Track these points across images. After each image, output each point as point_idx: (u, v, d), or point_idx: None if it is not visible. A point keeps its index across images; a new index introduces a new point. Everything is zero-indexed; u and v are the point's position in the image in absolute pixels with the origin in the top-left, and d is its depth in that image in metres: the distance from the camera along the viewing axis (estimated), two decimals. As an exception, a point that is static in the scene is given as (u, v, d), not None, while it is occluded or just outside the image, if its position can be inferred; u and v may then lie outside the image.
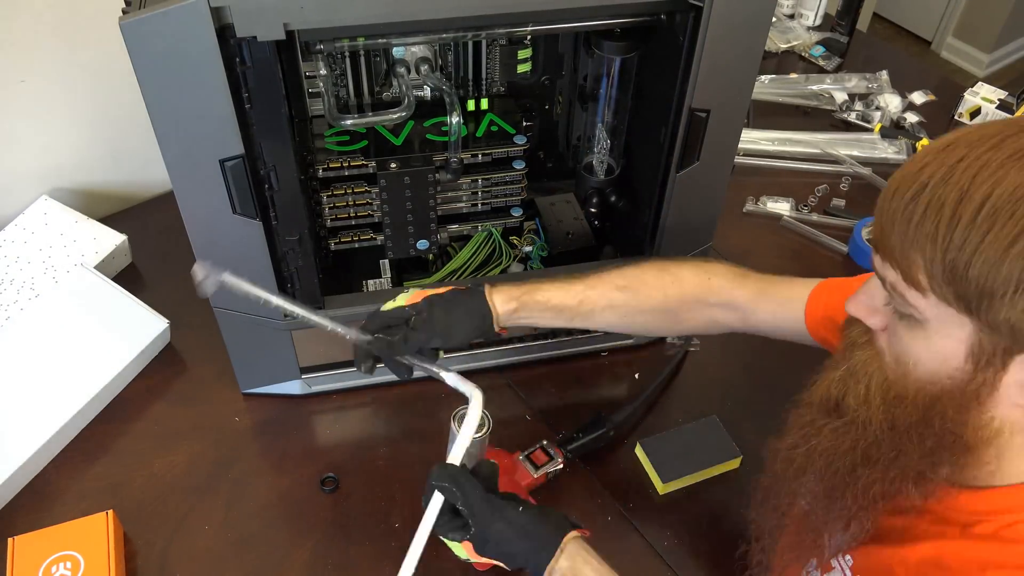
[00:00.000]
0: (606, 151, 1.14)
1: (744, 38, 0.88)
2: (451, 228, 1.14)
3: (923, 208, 0.60)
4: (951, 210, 0.58)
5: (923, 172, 0.60)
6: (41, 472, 1.05)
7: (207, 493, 1.04)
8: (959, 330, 0.62)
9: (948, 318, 0.61)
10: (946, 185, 0.59)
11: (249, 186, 0.87)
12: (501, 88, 1.10)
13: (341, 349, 1.11)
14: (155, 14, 0.73)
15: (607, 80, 1.06)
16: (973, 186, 0.58)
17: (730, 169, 1.03)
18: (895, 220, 0.61)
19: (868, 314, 0.69)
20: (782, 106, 1.63)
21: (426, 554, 0.99)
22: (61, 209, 1.28)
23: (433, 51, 1.01)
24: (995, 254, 0.56)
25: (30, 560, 0.92)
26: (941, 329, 0.63)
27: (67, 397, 1.07)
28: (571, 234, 1.18)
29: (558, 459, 1.03)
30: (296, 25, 0.78)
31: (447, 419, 0.90)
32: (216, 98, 0.79)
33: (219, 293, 0.98)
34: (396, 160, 1.03)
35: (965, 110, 1.60)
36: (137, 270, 1.29)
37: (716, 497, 1.05)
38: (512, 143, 1.09)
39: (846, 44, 1.74)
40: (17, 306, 1.16)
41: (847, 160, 1.51)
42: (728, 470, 1.07)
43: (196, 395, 1.14)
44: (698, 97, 0.91)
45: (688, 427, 1.09)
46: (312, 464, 1.07)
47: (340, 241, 1.10)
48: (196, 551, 0.99)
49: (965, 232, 0.57)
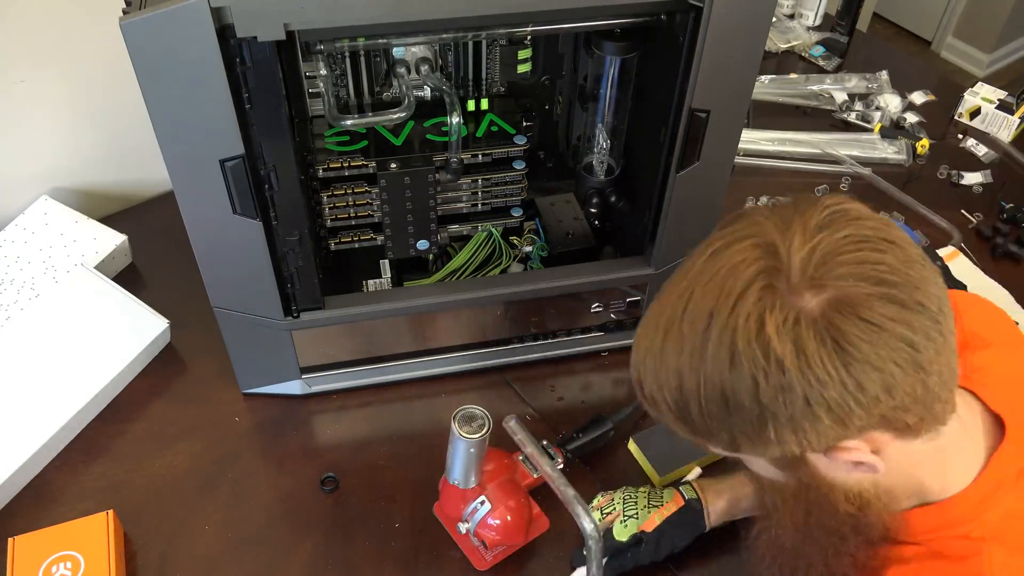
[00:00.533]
0: (606, 151, 1.14)
1: (744, 38, 0.88)
2: (451, 228, 1.14)
3: (651, 400, 0.64)
4: (667, 395, 0.62)
5: (638, 368, 0.64)
6: (41, 472, 1.05)
7: (207, 493, 1.04)
8: (753, 460, 0.68)
9: (748, 458, 0.68)
10: (656, 375, 0.62)
11: (249, 186, 0.87)
12: (501, 88, 1.10)
13: (341, 349, 1.11)
14: (155, 14, 0.73)
15: (607, 80, 1.06)
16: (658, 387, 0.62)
17: (730, 169, 1.03)
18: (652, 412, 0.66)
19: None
20: (782, 106, 1.63)
21: (424, 554, 1.00)
22: (61, 209, 1.28)
23: (433, 51, 1.01)
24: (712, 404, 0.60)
25: (30, 560, 0.92)
26: (750, 461, 0.69)
27: (67, 397, 1.07)
28: (571, 234, 1.18)
29: (558, 459, 1.03)
30: (296, 25, 0.78)
31: (447, 419, 0.90)
32: (216, 98, 0.79)
33: (218, 292, 0.99)
34: (396, 160, 1.03)
35: (965, 110, 1.60)
36: (137, 270, 1.29)
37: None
38: (512, 143, 1.09)
39: (846, 44, 1.74)
40: (17, 306, 1.16)
41: (847, 160, 1.51)
42: (721, 457, 1.07)
43: (196, 395, 1.14)
44: (698, 97, 0.91)
45: None
46: (312, 464, 1.07)
47: (340, 241, 1.10)
48: (196, 551, 0.99)
49: (685, 403, 0.61)
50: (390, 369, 1.14)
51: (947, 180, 1.50)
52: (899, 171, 1.51)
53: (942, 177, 1.50)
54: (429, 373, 1.15)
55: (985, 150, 1.55)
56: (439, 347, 1.14)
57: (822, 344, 0.55)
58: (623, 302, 1.15)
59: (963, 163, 1.53)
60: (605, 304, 1.15)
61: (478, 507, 0.93)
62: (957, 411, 0.63)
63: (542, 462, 0.87)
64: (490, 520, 0.93)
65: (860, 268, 0.56)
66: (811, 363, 0.55)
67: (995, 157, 1.54)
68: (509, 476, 0.98)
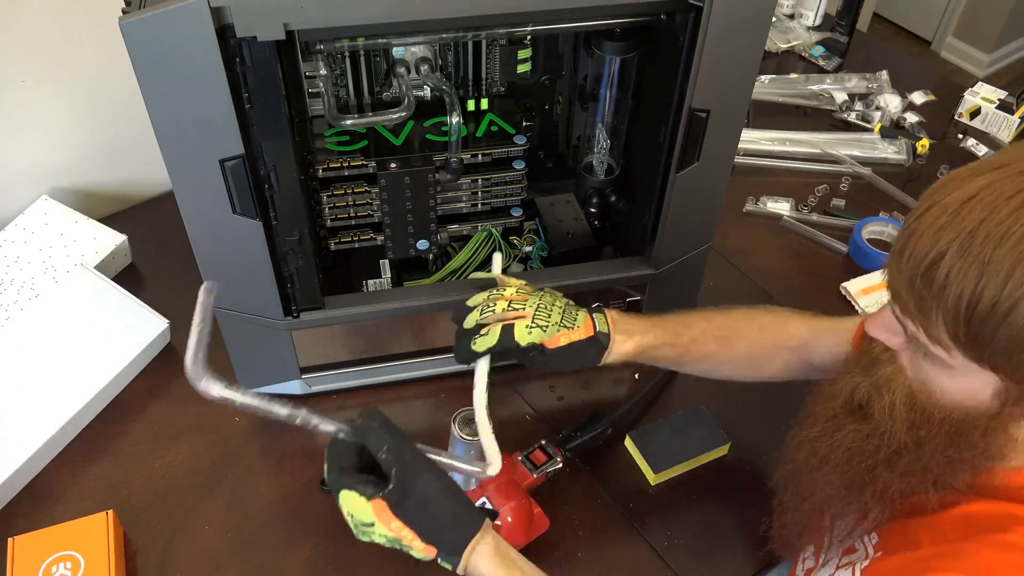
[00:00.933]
0: (606, 151, 1.14)
1: (744, 38, 0.88)
2: (451, 228, 1.14)
3: (942, 279, 0.59)
4: (972, 287, 0.57)
5: (940, 238, 0.59)
6: (41, 472, 1.05)
7: (207, 493, 1.04)
8: (984, 375, 0.62)
9: (973, 369, 0.62)
10: (965, 258, 0.58)
11: (249, 186, 0.87)
12: (501, 88, 1.10)
13: (341, 349, 1.11)
14: (155, 14, 0.73)
15: (607, 80, 1.06)
16: (993, 261, 0.57)
17: (730, 169, 1.03)
18: (913, 283, 0.61)
19: (889, 336, 0.69)
20: (782, 106, 1.63)
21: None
22: (61, 209, 1.28)
23: (433, 51, 1.01)
24: (1019, 328, 0.57)
25: (30, 560, 0.92)
26: (967, 373, 0.63)
27: (67, 397, 1.07)
28: (571, 234, 1.18)
29: (557, 458, 1.03)
30: (296, 25, 0.78)
31: (447, 419, 0.90)
32: (216, 98, 0.79)
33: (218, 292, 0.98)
34: (396, 160, 1.03)
35: (965, 110, 1.60)
36: (137, 270, 1.29)
37: (708, 487, 1.06)
38: (512, 143, 1.09)
39: (846, 44, 1.74)
40: (17, 306, 1.16)
41: (847, 160, 1.51)
42: (717, 457, 1.07)
43: (196, 395, 1.13)
44: (698, 97, 0.91)
45: (676, 416, 1.10)
46: (312, 464, 1.07)
47: (340, 241, 1.10)
48: (196, 551, 0.99)
49: (988, 308, 0.57)
50: (390, 369, 1.14)
51: (947, 180, 1.50)
52: (899, 171, 1.52)
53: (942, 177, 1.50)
54: (429, 373, 1.15)
55: (985, 150, 1.55)
56: (439, 347, 1.14)
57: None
58: (623, 302, 1.15)
59: (963, 163, 1.51)
60: (605, 304, 1.15)
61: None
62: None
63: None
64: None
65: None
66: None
67: (995, 157, 1.54)
68: (509, 477, 0.98)
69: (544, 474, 1.01)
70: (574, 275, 1.10)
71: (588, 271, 1.10)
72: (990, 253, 0.57)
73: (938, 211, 0.61)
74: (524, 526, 0.95)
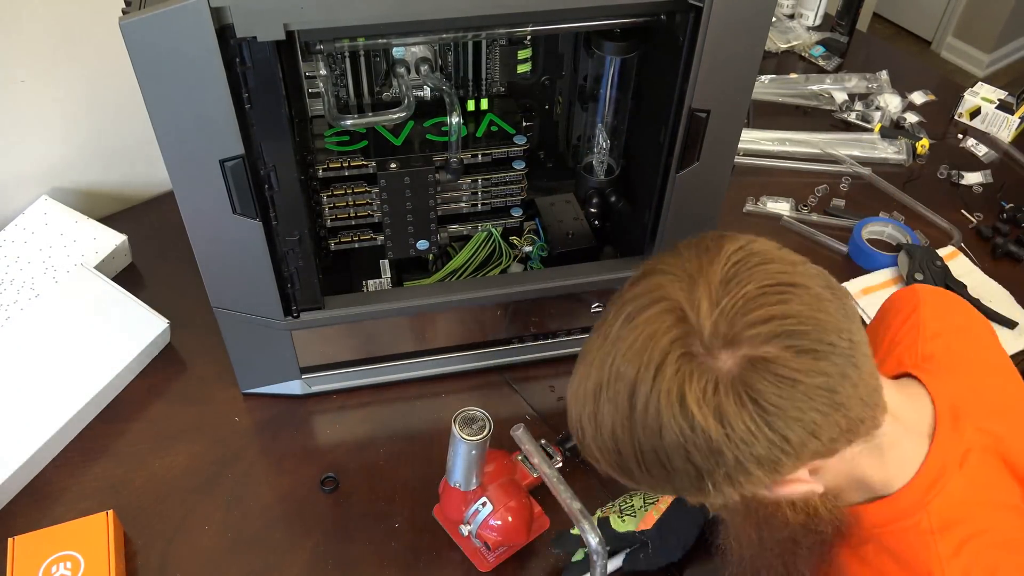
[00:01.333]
0: (606, 151, 1.14)
1: (744, 38, 0.88)
2: (451, 228, 1.14)
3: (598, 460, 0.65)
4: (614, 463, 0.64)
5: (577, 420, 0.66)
6: (41, 472, 1.05)
7: (207, 493, 1.04)
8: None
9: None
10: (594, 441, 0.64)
11: (249, 186, 0.87)
12: (501, 88, 1.10)
13: (341, 349, 1.11)
14: (155, 14, 0.73)
15: (607, 80, 1.06)
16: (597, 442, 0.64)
17: (730, 169, 1.03)
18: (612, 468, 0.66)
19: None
20: (782, 106, 1.63)
21: (424, 554, 0.99)
22: (61, 209, 1.28)
23: (433, 51, 1.01)
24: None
25: (30, 560, 0.92)
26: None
27: (67, 397, 1.07)
28: (571, 234, 1.18)
29: (557, 458, 1.03)
30: (296, 25, 0.78)
31: (447, 419, 0.90)
32: (216, 98, 0.79)
33: (218, 292, 0.99)
34: (396, 160, 1.03)
35: (965, 110, 1.60)
36: (137, 270, 1.29)
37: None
38: (512, 143, 1.09)
39: (846, 44, 1.74)
40: (17, 306, 1.16)
41: (847, 160, 1.51)
42: None
43: (196, 395, 1.14)
44: (698, 97, 0.91)
45: None
46: (312, 464, 1.07)
47: (340, 241, 1.10)
48: (196, 551, 0.99)
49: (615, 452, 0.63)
50: (390, 369, 1.14)
51: (947, 180, 1.50)
52: (899, 171, 1.52)
53: (942, 177, 1.50)
54: (429, 373, 1.15)
55: (985, 150, 1.55)
56: (439, 347, 1.14)
57: (742, 406, 0.57)
58: (623, 302, 1.15)
59: (963, 163, 1.53)
60: (605, 304, 1.15)
61: (480, 509, 0.93)
62: (898, 406, 0.66)
63: (548, 473, 0.86)
64: (492, 521, 0.93)
65: (768, 326, 0.57)
66: (735, 427, 0.57)
67: (995, 157, 1.54)
68: (509, 476, 0.98)
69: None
70: (574, 275, 1.10)
71: (588, 271, 1.11)
72: (592, 428, 0.64)
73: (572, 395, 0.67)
74: (524, 525, 0.95)
